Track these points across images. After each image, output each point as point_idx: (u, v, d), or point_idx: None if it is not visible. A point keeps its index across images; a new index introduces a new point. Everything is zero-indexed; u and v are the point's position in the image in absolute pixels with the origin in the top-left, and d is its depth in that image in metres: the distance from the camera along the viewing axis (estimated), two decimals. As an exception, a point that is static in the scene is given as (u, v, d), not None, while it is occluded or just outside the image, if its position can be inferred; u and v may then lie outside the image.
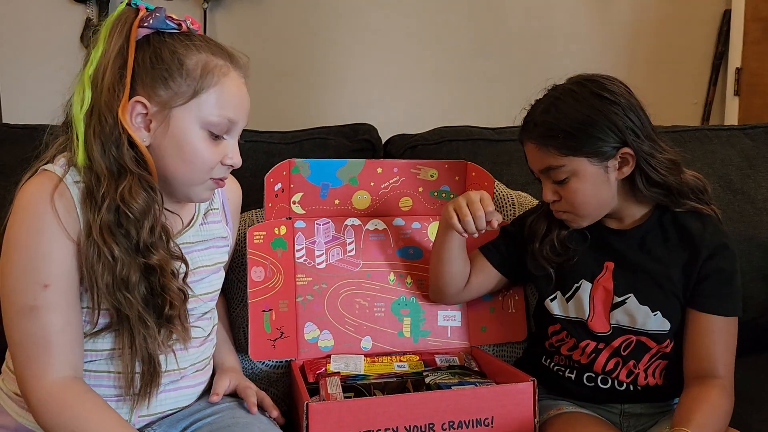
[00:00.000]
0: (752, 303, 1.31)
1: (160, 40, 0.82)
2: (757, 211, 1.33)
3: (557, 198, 0.97)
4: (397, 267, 1.15)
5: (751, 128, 1.44)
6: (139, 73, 0.80)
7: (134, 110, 0.80)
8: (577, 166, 0.93)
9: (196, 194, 0.87)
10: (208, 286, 0.93)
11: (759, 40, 2.04)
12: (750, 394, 1.13)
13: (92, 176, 0.79)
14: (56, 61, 1.97)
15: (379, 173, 1.14)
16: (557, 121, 0.93)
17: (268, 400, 0.94)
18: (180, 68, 0.80)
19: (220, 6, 1.96)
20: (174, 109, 0.81)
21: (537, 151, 0.95)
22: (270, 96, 1.98)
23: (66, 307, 0.78)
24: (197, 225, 0.93)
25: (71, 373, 0.79)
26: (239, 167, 0.87)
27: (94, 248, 0.78)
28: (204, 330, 0.93)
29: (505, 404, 0.89)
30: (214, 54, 0.83)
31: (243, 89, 0.86)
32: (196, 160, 0.83)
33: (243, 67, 0.86)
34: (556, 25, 2.09)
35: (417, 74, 2.05)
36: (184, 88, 0.81)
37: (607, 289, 0.99)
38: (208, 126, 0.82)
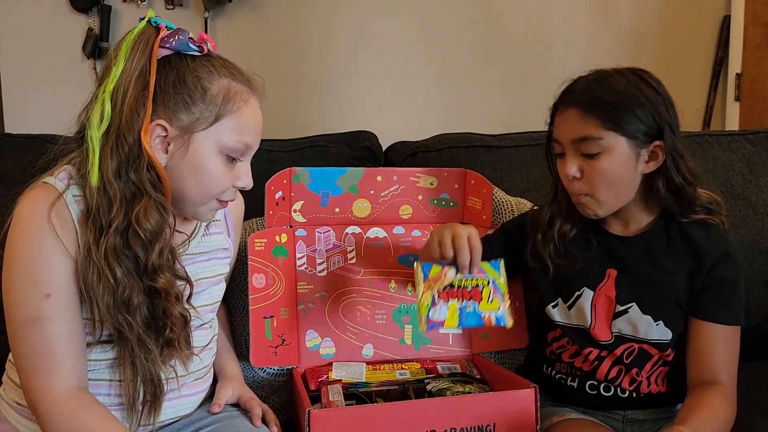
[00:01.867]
0: (755, 309, 1.31)
1: (182, 63, 0.82)
2: (759, 217, 1.33)
3: (579, 176, 0.93)
4: (398, 274, 1.15)
5: (752, 133, 1.44)
6: (161, 95, 0.80)
7: (154, 132, 0.81)
8: (614, 143, 0.91)
9: (201, 214, 0.89)
10: (208, 298, 0.93)
11: (759, 45, 2.04)
12: (754, 399, 1.12)
13: (103, 198, 0.78)
14: (58, 71, 1.98)
15: (379, 181, 1.14)
16: (606, 93, 0.92)
17: (270, 415, 0.93)
18: (203, 95, 0.81)
19: (221, 14, 1.97)
20: (195, 134, 0.81)
21: (578, 118, 0.92)
22: (270, 104, 1.97)
23: (69, 317, 0.78)
24: (199, 236, 0.93)
25: (77, 383, 0.79)
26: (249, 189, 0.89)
27: (94, 269, 0.77)
28: (203, 339, 0.92)
29: (507, 411, 0.88)
30: (235, 79, 0.84)
31: (259, 114, 0.87)
32: (211, 183, 0.84)
33: (260, 91, 0.88)
34: (556, 32, 2.10)
35: (417, 81, 2.06)
36: (206, 114, 0.81)
37: (609, 297, 0.98)
38: (226, 150, 0.83)
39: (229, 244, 0.98)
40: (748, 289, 1.30)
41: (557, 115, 0.97)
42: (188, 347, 0.86)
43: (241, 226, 1.07)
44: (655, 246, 0.98)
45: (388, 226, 1.16)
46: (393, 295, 1.14)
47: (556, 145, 0.97)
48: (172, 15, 1.94)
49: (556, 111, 0.97)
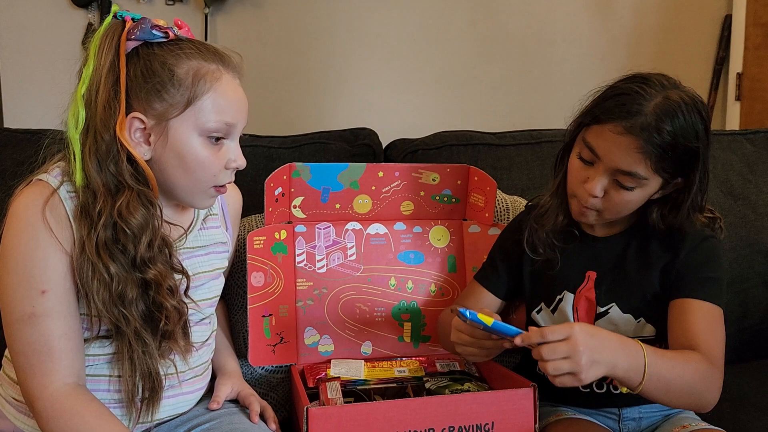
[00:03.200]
0: (754, 309, 1.31)
1: (149, 51, 0.81)
2: (759, 217, 1.33)
3: (600, 195, 0.90)
4: (398, 272, 1.15)
5: (752, 133, 1.44)
6: (133, 87, 0.80)
7: (132, 126, 0.80)
8: (651, 183, 0.89)
9: (198, 201, 0.87)
10: (207, 292, 0.92)
11: (760, 45, 2.04)
12: (752, 399, 1.13)
13: (89, 194, 0.79)
14: (58, 66, 1.97)
15: (381, 177, 1.13)
16: (671, 136, 0.85)
17: (269, 411, 0.93)
18: (171, 78, 0.80)
19: (221, 11, 1.96)
20: (171, 121, 0.80)
21: (633, 152, 0.86)
22: (270, 100, 1.98)
23: (65, 313, 0.78)
24: (196, 230, 0.92)
25: (75, 380, 0.79)
26: (243, 168, 0.87)
27: (89, 265, 0.77)
28: (202, 335, 0.92)
29: (506, 410, 0.88)
30: (205, 59, 0.82)
31: (238, 90, 0.85)
32: (199, 169, 0.82)
33: (236, 68, 0.86)
34: (557, 30, 2.09)
35: (418, 79, 2.05)
36: (178, 98, 0.80)
37: (589, 299, 0.98)
38: (207, 132, 0.82)
39: (227, 238, 0.97)
40: (747, 289, 1.30)
41: (608, 127, 0.87)
42: (186, 339, 0.85)
43: (239, 221, 1.06)
44: (633, 245, 0.98)
45: (389, 223, 1.16)
46: (393, 292, 1.14)
47: (588, 151, 0.90)
48: (173, 11, 1.93)
49: (606, 121, 0.88)
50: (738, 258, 1.30)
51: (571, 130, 0.96)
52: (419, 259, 1.16)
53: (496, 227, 1.15)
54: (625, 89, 0.89)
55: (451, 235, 1.17)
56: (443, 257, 1.17)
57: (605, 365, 0.78)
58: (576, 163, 0.93)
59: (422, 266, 1.16)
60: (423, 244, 1.17)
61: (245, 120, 0.87)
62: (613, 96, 0.90)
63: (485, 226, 1.16)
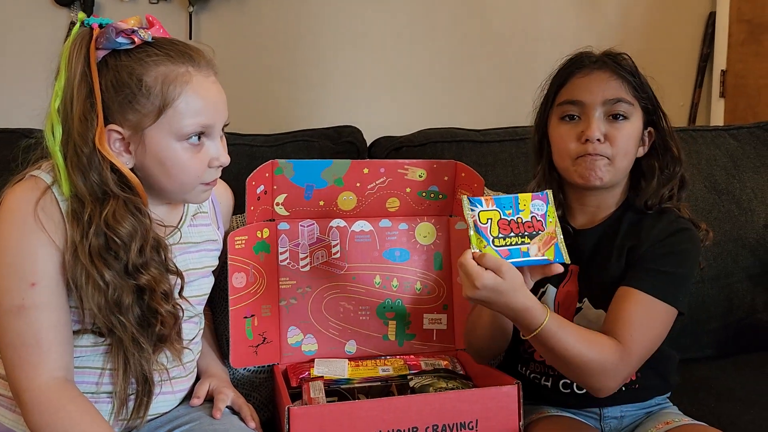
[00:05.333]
0: (739, 303, 1.31)
1: (117, 61, 0.80)
2: (743, 212, 1.33)
3: (602, 138, 0.92)
4: (383, 269, 1.14)
5: (736, 129, 1.45)
6: (106, 100, 0.79)
7: (111, 137, 0.80)
8: (636, 112, 0.95)
9: (191, 199, 0.89)
10: (197, 289, 0.92)
11: (744, 42, 2.05)
12: (738, 394, 1.13)
13: (78, 203, 0.79)
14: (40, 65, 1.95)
15: (366, 174, 1.11)
16: (635, 67, 0.96)
17: (246, 411, 0.93)
18: (140, 88, 0.79)
19: (206, 9, 1.94)
20: (146, 130, 0.80)
21: (612, 81, 0.94)
22: (254, 98, 1.97)
23: (55, 306, 0.79)
24: (185, 226, 0.92)
25: (63, 374, 0.79)
26: (228, 165, 0.87)
27: (83, 270, 0.77)
28: (190, 332, 0.92)
29: (490, 407, 0.88)
30: (174, 62, 0.81)
31: (211, 88, 0.84)
32: (182, 173, 0.82)
33: (208, 64, 0.84)
34: (542, 28, 2.09)
35: (402, 76, 2.05)
36: (149, 107, 0.79)
37: (571, 293, 0.98)
38: (184, 137, 0.81)
39: (218, 236, 0.98)
40: (732, 284, 1.31)
41: (578, 77, 0.96)
42: (180, 342, 0.86)
43: (230, 219, 1.06)
44: (605, 238, 0.97)
45: (374, 220, 1.15)
46: (377, 290, 1.13)
47: (569, 107, 0.95)
48: (157, 10, 1.90)
49: (573, 74, 0.96)
50: (722, 253, 1.30)
51: (540, 114, 1.01)
52: (405, 257, 1.15)
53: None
54: (571, 56, 1.00)
55: (437, 232, 1.16)
56: (429, 254, 1.16)
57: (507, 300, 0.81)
58: (562, 128, 0.96)
59: (408, 264, 1.15)
60: (409, 242, 1.16)
61: (224, 116, 0.85)
62: (566, 63, 0.99)
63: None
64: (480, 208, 0.85)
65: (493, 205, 0.85)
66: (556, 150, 0.97)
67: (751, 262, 1.32)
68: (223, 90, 0.85)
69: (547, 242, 0.86)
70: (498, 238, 0.84)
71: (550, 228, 0.87)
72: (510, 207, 0.85)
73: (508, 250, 0.84)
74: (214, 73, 0.85)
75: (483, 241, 0.83)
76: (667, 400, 1.02)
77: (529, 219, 0.86)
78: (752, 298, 1.32)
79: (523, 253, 0.84)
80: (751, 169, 1.38)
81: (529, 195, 0.87)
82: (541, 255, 0.85)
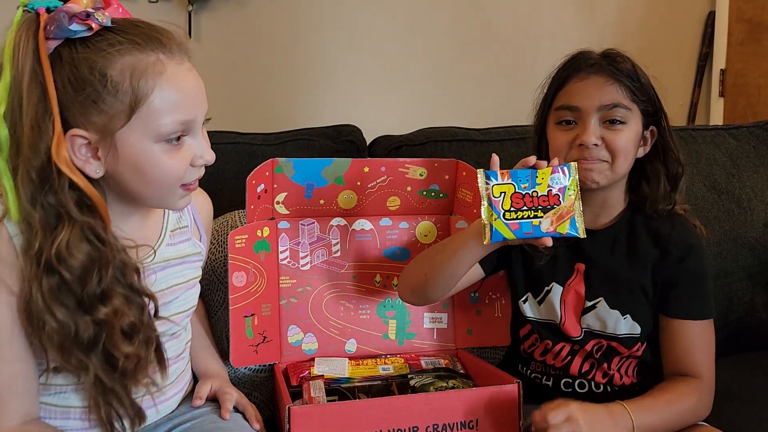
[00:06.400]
0: (738, 302, 1.31)
1: (73, 53, 0.67)
2: (742, 211, 1.33)
3: (599, 143, 0.92)
4: (384, 268, 1.14)
5: (736, 128, 1.45)
6: (64, 100, 0.67)
7: (74, 144, 0.69)
8: (634, 116, 0.93)
9: (170, 205, 0.79)
10: (184, 304, 0.86)
11: (743, 41, 2.05)
12: (735, 392, 1.13)
13: (29, 231, 0.68)
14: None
15: (366, 172, 1.11)
16: (633, 67, 0.94)
17: (250, 411, 0.90)
18: (105, 84, 0.67)
19: (205, 8, 1.94)
20: (118, 133, 0.69)
21: (608, 85, 0.93)
22: (254, 97, 1.96)
23: (13, 358, 0.71)
24: (164, 246, 0.84)
25: (23, 419, 0.73)
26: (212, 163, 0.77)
27: (36, 311, 0.69)
28: (176, 349, 0.87)
29: (491, 407, 0.88)
30: (142, 49, 0.69)
31: (188, 77, 0.72)
32: (162, 177, 0.72)
33: (180, 49, 0.72)
34: (541, 27, 2.09)
35: (402, 76, 2.04)
36: (118, 106, 0.68)
37: (578, 293, 0.98)
38: (162, 137, 0.70)
39: (201, 248, 0.91)
40: (731, 283, 1.31)
41: (574, 81, 0.95)
42: (162, 364, 0.78)
43: (211, 225, 1.01)
44: (621, 240, 0.98)
45: (374, 218, 1.14)
46: (378, 289, 1.13)
47: (566, 111, 0.95)
48: (156, 9, 1.90)
49: (570, 78, 0.95)
50: (722, 252, 1.30)
51: (539, 116, 1.01)
52: (405, 255, 1.15)
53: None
54: (569, 58, 0.98)
55: (438, 230, 1.16)
56: (429, 254, 1.16)
57: (606, 427, 0.85)
58: (559, 133, 0.96)
59: (408, 262, 1.15)
60: (409, 240, 1.16)
61: (204, 107, 0.75)
62: (564, 66, 0.97)
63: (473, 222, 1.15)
64: (494, 182, 0.85)
65: (508, 179, 0.85)
66: (553, 153, 0.97)
67: (751, 262, 1.32)
68: (200, 77, 0.74)
69: (562, 216, 0.85)
70: (510, 211, 0.85)
71: (568, 201, 0.86)
72: (526, 181, 0.85)
73: (518, 224, 0.84)
74: (188, 58, 0.73)
75: (494, 214, 0.84)
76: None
77: (545, 193, 0.85)
78: (752, 297, 1.32)
79: (534, 227, 0.85)
80: (750, 169, 1.38)
81: (549, 169, 0.86)
82: (553, 229, 0.85)
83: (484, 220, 0.85)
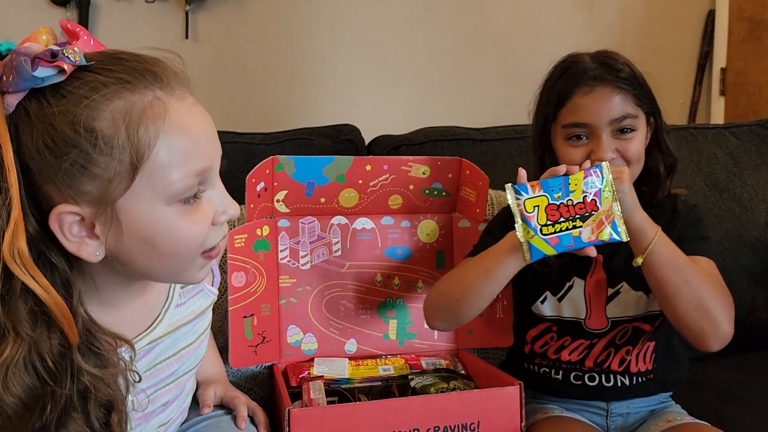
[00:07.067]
0: (740, 302, 1.29)
1: (45, 106, 0.53)
2: (744, 210, 1.33)
3: (615, 156, 0.91)
4: (385, 267, 1.13)
5: (737, 126, 1.44)
6: (42, 170, 0.53)
7: (63, 224, 0.55)
8: (641, 122, 0.94)
9: (187, 279, 0.66)
10: (194, 360, 0.74)
11: (743, 39, 2.05)
12: (736, 392, 1.13)
13: None
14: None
15: (368, 171, 1.10)
16: (631, 70, 0.93)
17: (259, 416, 0.87)
18: (95, 142, 0.53)
19: (203, 8, 1.93)
20: (118, 202, 0.55)
21: (615, 97, 0.91)
22: (253, 97, 1.96)
23: None
24: (172, 308, 0.72)
25: None
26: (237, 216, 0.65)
27: None
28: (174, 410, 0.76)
29: (492, 408, 0.87)
30: (133, 88, 0.55)
31: (195, 117, 0.59)
32: (180, 247, 0.59)
33: (178, 80, 0.59)
34: (541, 26, 2.09)
35: (401, 75, 2.04)
36: (115, 166, 0.54)
37: (600, 283, 0.97)
38: (176, 197, 0.57)
39: (215, 294, 0.79)
40: (733, 283, 1.29)
41: (578, 97, 0.91)
42: None
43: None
44: None
45: (376, 217, 1.14)
46: (378, 289, 1.13)
47: (574, 128, 0.92)
48: (153, 9, 1.89)
49: (572, 94, 0.92)
50: (723, 251, 1.30)
51: (540, 131, 0.98)
52: (407, 255, 1.14)
53: (486, 223, 1.14)
54: (561, 68, 0.96)
55: (440, 229, 1.16)
56: (432, 252, 1.15)
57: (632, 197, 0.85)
58: (570, 149, 0.93)
59: (409, 262, 1.14)
60: (411, 239, 1.15)
61: (219, 149, 0.62)
62: (560, 78, 0.95)
63: (475, 221, 1.15)
64: (525, 196, 0.81)
65: (540, 191, 0.81)
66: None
67: (752, 261, 1.32)
68: (206, 112, 0.61)
69: (602, 222, 0.81)
70: (546, 225, 0.81)
71: (605, 205, 0.81)
72: (559, 190, 0.81)
73: (557, 238, 0.80)
74: (189, 90, 0.60)
75: (530, 231, 0.81)
76: (670, 399, 1.03)
77: (581, 200, 0.81)
78: (753, 296, 1.32)
79: (575, 238, 0.81)
80: (751, 167, 1.37)
81: (581, 173, 0.82)
82: (595, 238, 0.81)
83: (520, 238, 0.81)
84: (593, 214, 0.81)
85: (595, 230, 0.81)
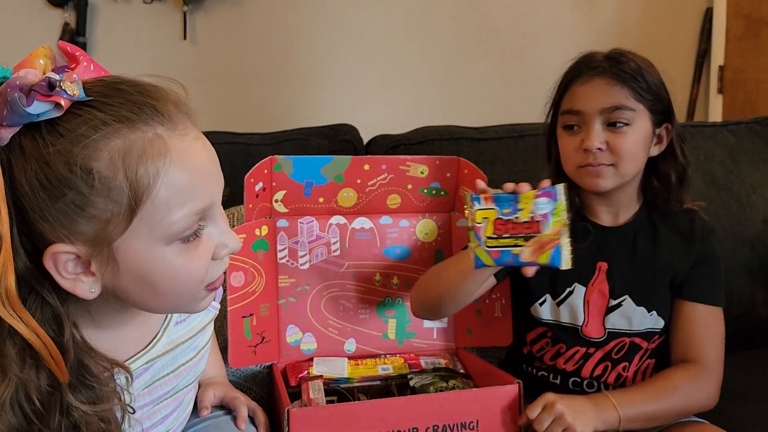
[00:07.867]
0: (738, 299, 1.31)
1: (40, 144, 0.51)
2: (741, 207, 1.33)
3: (603, 147, 0.91)
4: (383, 267, 1.13)
5: (734, 124, 1.45)
6: (35, 208, 0.51)
7: (57, 262, 0.54)
8: (640, 116, 0.92)
9: (188, 310, 0.66)
10: (193, 375, 0.73)
11: (741, 37, 2.05)
12: (736, 390, 1.12)
13: None
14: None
15: (366, 170, 1.10)
16: (639, 67, 0.93)
17: (259, 416, 0.87)
18: (92, 184, 0.51)
19: (201, 9, 1.93)
20: (116, 243, 0.54)
21: (610, 87, 0.91)
22: (251, 97, 1.96)
23: None
24: (172, 325, 0.70)
25: None
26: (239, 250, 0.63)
27: None
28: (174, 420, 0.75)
29: (491, 407, 0.87)
30: (133, 125, 0.53)
31: (197, 152, 0.56)
32: (179, 285, 0.58)
33: (181, 113, 0.56)
34: (539, 25, 2.09)
35: (399, 75, 2.04)
36: (113, 207, 0.52)
37: (602, 292, 0.97)
38: (175, 237, 0.55)
39: (217, 308, 0.78)
40: (731, 280, 1.31)
41: (577, 85, 0.94)
42: None
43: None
44: (642, 235, 0.98)
45: (374, 216, 1.14)
46: (377, 288, 1.13)
47: (570, 116, 0.94)
48: (151, 10, 1.89)
49: (573, 82, 0.94)
50: (721, 249, 1.29)
51: (547, 119, 1.00)
52: (405, 254, 1.14)
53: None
54: (577, 60, 0.97)
55: (438, 229, 1.16)
56: (430, 252, 1.15)
57: (590, 415, 0.85)
58: (565, 138, 0.95)
59: (408, 261, 1.14)
60: (410, 239, 1.15)
61: (221, 182, 0.60)
62: (570, 68, 0.97)
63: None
64: (477, 207, 0.83)
65: (491, 204, 0.82)
66: (562, 158, 0.97)
67: (750, 258, 1.32)
68: (209, 143, 0.58)
69: (544, 245, 0.80)
70: (491, 238, 0.82)
71: (553, 229, 0.80)
72: (509, 206, 0.82)
73: (499, 252, 0.82)
74: (192, 123, 0.57)
75: (475, 241, 0.83)
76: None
77: (527, 219, 0.81)
78: (751, 293, 1.32)
79: (514, 256, 0.81)
80: (749, 165, 1.37)
81: (533, 193, 0.81)
82: (533, 259, 0.81)
83: (470, 244, 0.84)
84: (536, 236, 0.80)
85: (535, 252, 0.80)
